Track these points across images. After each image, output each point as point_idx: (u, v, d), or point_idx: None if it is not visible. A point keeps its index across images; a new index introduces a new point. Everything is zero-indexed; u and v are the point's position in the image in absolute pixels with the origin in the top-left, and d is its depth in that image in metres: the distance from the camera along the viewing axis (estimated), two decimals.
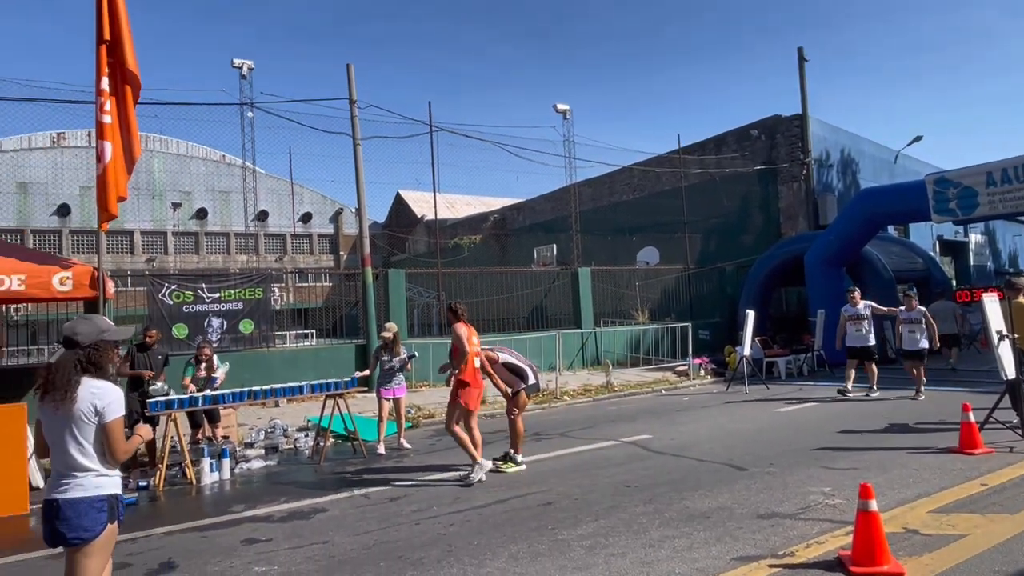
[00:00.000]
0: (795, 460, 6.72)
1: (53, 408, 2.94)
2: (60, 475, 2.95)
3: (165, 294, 12.91)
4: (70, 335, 3.06)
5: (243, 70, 31.83)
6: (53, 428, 2.97)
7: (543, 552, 4.48)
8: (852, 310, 11.06)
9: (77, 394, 2.94)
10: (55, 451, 2.98)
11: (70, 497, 2.90)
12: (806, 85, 20.27)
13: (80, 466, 2.94)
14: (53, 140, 40.55)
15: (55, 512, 2.89)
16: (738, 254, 20.92)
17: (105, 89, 6.56)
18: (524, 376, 7.23)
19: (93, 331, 3.08)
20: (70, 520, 2.88)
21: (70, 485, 2.92)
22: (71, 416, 2.94)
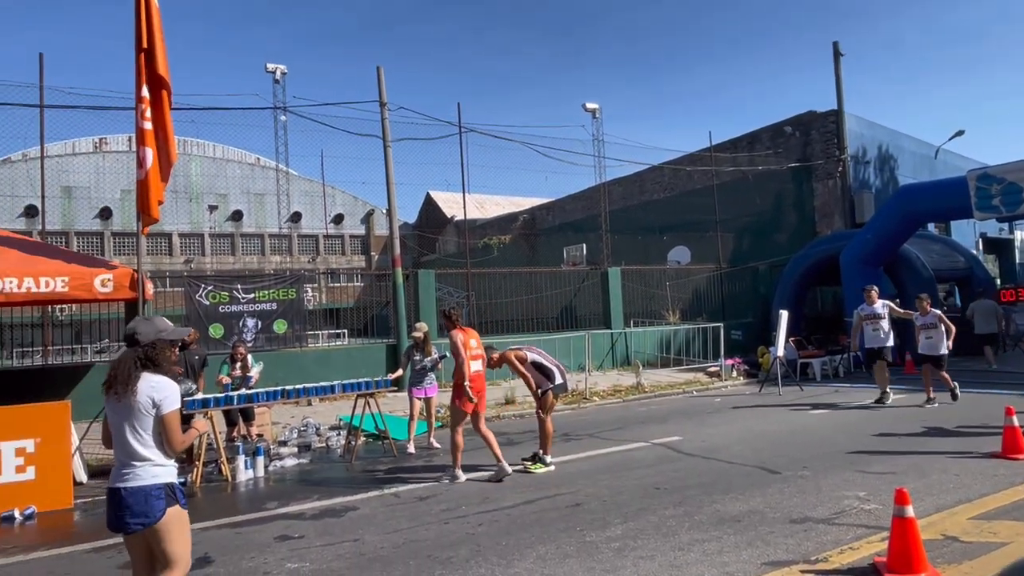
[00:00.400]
0: (829, 463, 6.59)
1: (116, 401, 3.15)
2: (122, 464, 3.14)
3: (202, 295, 13.21)
4: (132, 334, 3.27)
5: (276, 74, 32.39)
6: (115, 420, 3.17)
7: (571, 554, 4.48)
8: (868, 309, 10.51)
9: (137, 388, 3.13)
10: (117, 442, 3.18)
11: (131, 486, 3.09)
12: (842, 80, 19.86)
13: (140, 456, 3.12)
14: (95, 145, 41.80)
15: (119, 500, 3.08)
16: (771, 253, 20.58)
17: (145, 96, 6.74)
18: (551, 376, 7.23)
19: (152, 330, 3.29)
20: (132, 507, 3.07)
21: (131, 474, 3.11)
22: (131, 409, 3.13)
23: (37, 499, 6.31)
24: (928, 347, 10.10)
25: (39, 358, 16.35)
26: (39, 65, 13.26)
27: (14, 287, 6.66)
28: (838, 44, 19.80)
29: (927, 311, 10.10)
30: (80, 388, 11.28)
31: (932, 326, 10.04)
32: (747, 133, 23.18)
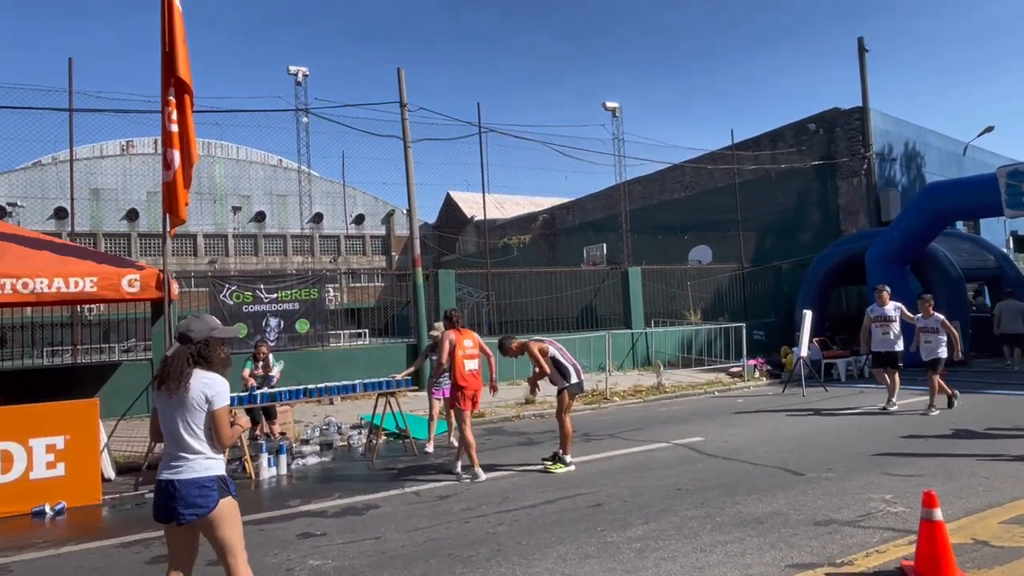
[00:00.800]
0: (854, 465, 6.49)
1: (168, 396, 3.23)
2: (172, 457, 3.23)
3: (226, 294, 13.38)
4: (184, 332, 3.36)
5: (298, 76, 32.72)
6: (167, 415, 3.26)
7: (592, 554, 4.46)
8: (879, 311, 10.01)
9: (190, 384, 3.23)
10: (168, 436, 3.26)
11: (184, 478, 3.18)
12: (867, 76, 19.55)
13: (192, 449, 3.22)
14: (122, 148, 42.58)
15: (171, 491, 3.16)
16: (795, 252, 20.33)
17: (172, 99, 6.84)
18: (567, 374, 7.22)
19: (204, 329, 3.37)
20: (185, 498, 3.16)
21: (183, 467, 3.21)
22: (184, 404, 3.23)
23: (67, 495, 6.44)
24: (926, 352, 9.61)
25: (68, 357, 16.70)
26: (68, 70, 13.55)
27: (45, 287, 6.81)
28: (863, 40, 19.50)
29: (929, 313, 9.66)
30: (108, 386, 11.51)
31: (933, 330, 9.58)
32: (769, 131, 22.91)
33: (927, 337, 9.61)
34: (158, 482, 3.23)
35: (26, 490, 6.32)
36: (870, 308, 10.25)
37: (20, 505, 6.27)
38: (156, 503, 3.23)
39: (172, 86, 6.71)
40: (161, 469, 3.25)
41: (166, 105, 6.85)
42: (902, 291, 15.47)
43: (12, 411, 6.59)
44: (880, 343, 9.97)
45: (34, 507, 6.27)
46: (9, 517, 6.18)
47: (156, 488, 3.24)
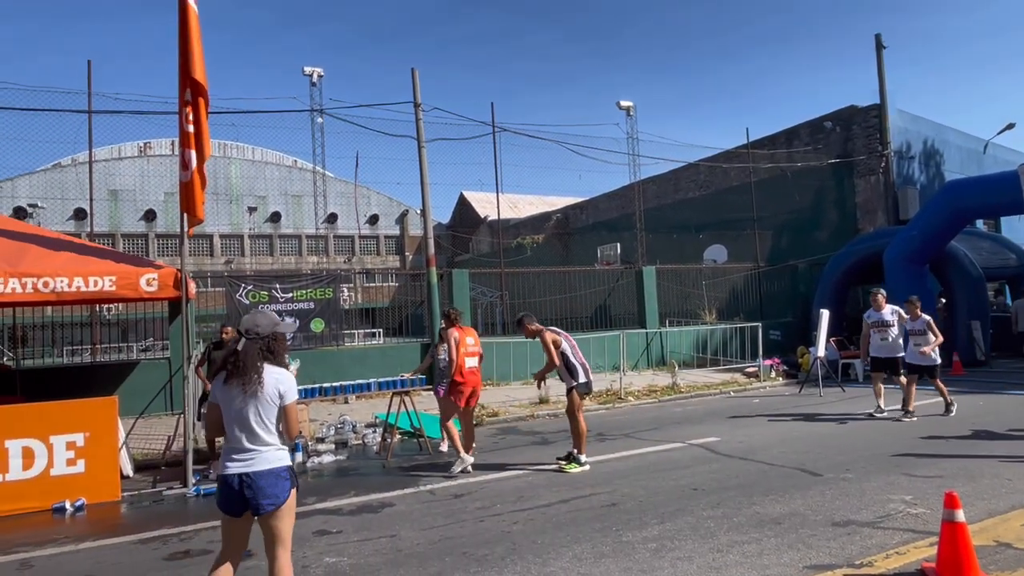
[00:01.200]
0: (873, 466, 6.41)
1: (240, 390, 3.27)
2: (241, 450, 3.28)
3: (242, 294, 13.49)
4: (251, 327, 3.41)
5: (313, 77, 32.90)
6: (235, 409, 3.29)
7: (607, 553, 4.44)
8: (876, 315, 9.66)
9: (264, 378, 3.30)
10: (237, 429, 3.29)
11: (259, 469, 3.25)
12: (884, 73, 19.32)
13: (264, 441, 3.30)
14: (140, 150, 43.06)
15: (247, 483, 3.22)
16: (811, 251, 20.14)
17: (189, 100, 6.89)
18: (575, 373, 7.23)
19: (269, 324, 3.45)
20: (263, 489, 3.23)
21: (256, 459, 3.27)
22: (258, 398, 3.29)
23: (86, 491, 6.51)
24: (917, 356, 9.21)
25: (88, 355, 16.91)
26: (87, 72, 13.73)
27: (65, 286, 6.89)
28: (880, 36, 19.26)
29: (917, 316, 9.24)
30: (126, 385, 11.64)
31: (921, 333, 9.20)
32: (785, 129, 22.72)
33: (916, 340, 9.27)
34: (226, 476, 3.25)
35: (47, 486, 6.40)
36: (867, 314, 9.90)
37: (41, 501, 6.35)
38: (226, 496, 3.26)
39: (188, 87, 6.76)
40: (226, 463, 3.28)
41: (183, 106, 6.90)
42: (921, 291, 15.24)
43: (33, 409, 6.69)
44: (879, 348, 9.66)
45: (55, 503, 6.35)
46: (30, 513, 6.27)
47: (223, 481, 3.27)
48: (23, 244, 7.32)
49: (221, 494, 3.30)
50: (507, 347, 15.22)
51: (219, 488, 3.31)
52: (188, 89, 6.78)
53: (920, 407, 9.92)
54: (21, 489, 6.34)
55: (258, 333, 3.39)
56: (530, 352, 15.44)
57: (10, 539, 5.51)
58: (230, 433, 3.32)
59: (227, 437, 3.35)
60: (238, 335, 3.43)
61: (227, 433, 3.34)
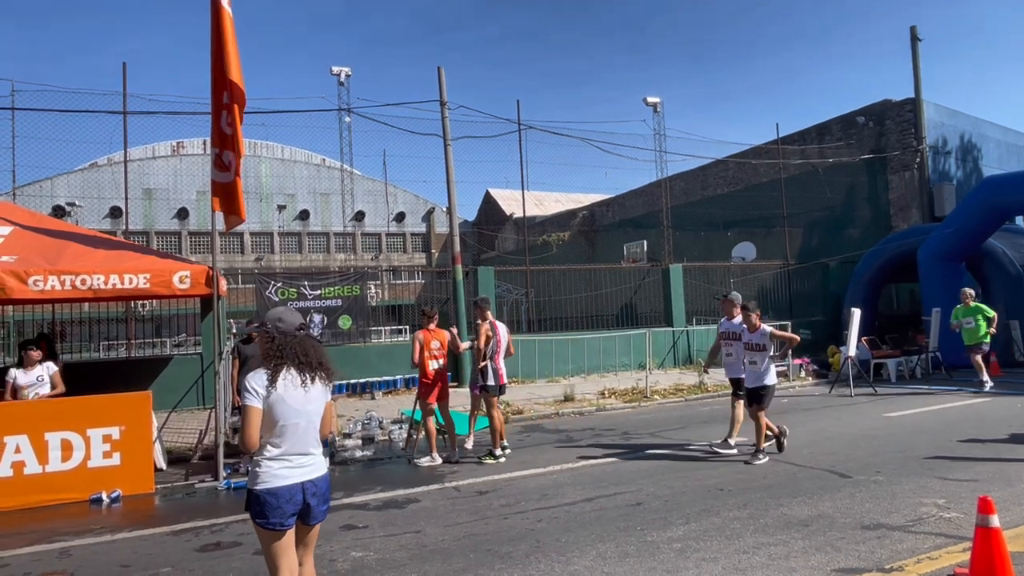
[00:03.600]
0: (905, 469, 6.29)
1: (305, 389, 3.03)
2: (301, 455, 3.02)
3: (272, 291, 13.70)
4: (304, 323, 3.23)
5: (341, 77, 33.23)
6: (295, 411, 2.99)
7: (631, 553, 4.43)
8: (726, 325, 7.86)
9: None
10: (300, 432, 3.01)
11: (320, 475, 3.08)
12: (919, 66, 18.86)
13: (317, 444, 3.11)
14: (173, 149, 43.92)
15: (310, 491, 3.00)
16: (843, 249, 19.78)
17: (227, 102, 6.99)
18: (485, 375, 7.69)
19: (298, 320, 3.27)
20: (324, 495, 3.09)
21: (314, 464, 3.06)
22: (318, 397, 3.10)
23: (122, 483, 6.69)
24: (752, 376, 7.27)
25: (123, 351, 17.34)
26: (123, 74, 14.07)
27: (101, 283, 7.07)
28: (915, 29, 18.82)
29: (756, 327, 7.30)
30: (160, 380, 11.92)
31: (759, 348, 7.25)
32: (816, 124, 22.33)
33: (752, 356, 7.29)
34: (286, 488, 2.93)
35: (84, 478, 6.60)
36: (720, 322, 8.13)
37: (79, 492, 6.55)
38: (285, 509, 2.92)
39: (226, 89, 6.85)
40: (281, 472, 2.95)
41: (221, 108, 6.99)
42: (956, 289, 14.91)
43: (71, 402, 6.89)
44: (726, 366, 7.97)
45: (92, 494, 6.54)
46: (69, 503, 6.47)
47: (280, 494, 2.91)
48: (62, 242, 7.53)
49: (278, 509, 2.90)
50: (532, 345, 15.22)
51: (270, 502, 2.90)
52: (226, 92, 6.87)
53: (954, 408, 9.70)
54: (60, 480, 6.54)
55: (305, 326, 3.19)
56: (555, 350, 15.43)
57: (51, 528, 5.70)
58: (285, 437, 2.98)
59: (275, 442, 2.98)
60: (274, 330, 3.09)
61: (278, 437, 2.97)
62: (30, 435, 6.49)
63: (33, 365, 7.36)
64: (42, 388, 7.34)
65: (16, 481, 6.41)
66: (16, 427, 6.47)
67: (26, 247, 7.19)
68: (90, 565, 4.76)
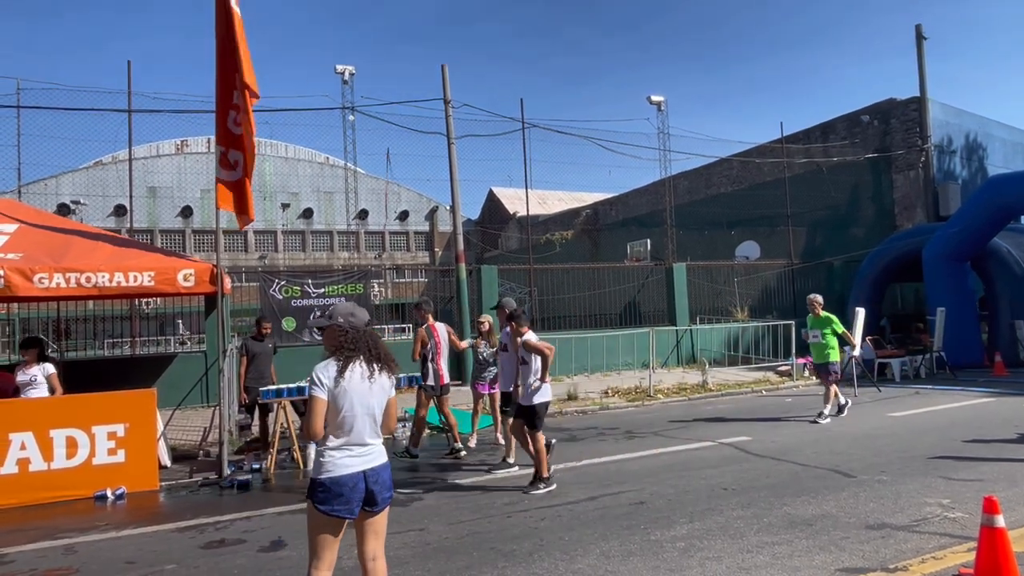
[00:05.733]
0: (909, 468, 6.27)
1: (369, 381, 3.15)
2: (359, 445, 3.11)
3: (276, 289, 13.73)
4: (364, 317, 3.34)
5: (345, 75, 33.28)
6: (359, 402, 3.10)
7: (635, 551, 4.43)
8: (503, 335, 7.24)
9: None
10: (361, 422, 3.11)
11: (380, 463, 3.18)
12: (925, 65, 18.80)
13: (378, 434, 3.22)
14: (177, 147, 44.01)
15: (372, 479, 3.11)
16: (847, 248, 19.73)
17: (236, 102, 7.00)
18: (426, 375, 7.94)
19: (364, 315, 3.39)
20: (386, 482, 3.19)
21: (374, 453, 3.17)
22: (382, 388, 3.21)
23: (127, 480, 6.71)
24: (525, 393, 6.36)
25: (127, 348, 17.39)
26: (128, 73, 14.07)
27: (106, 281, 7.09)
28: (921, 27, 18.74)
29: (523, 332, 6.42)
30: (164, 377, 11.95)
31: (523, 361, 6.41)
32: (821, 123, 22.28)
33: (522, 370, 6.45)
34: (347, 476, 3.03)
35: (89, 475, 6.62)
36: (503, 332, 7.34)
37: (84, 489, 6.57)
38: (345, 497, 3.01)
39: (236, 88, 6.86)
40: (342, 461, 3.05)
41: (230, 108, 7.00)
42: (961, 289, 14.88)
43: (76, 399, 6.91)
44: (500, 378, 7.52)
45: (96, 491, 6.56)
46: (74, 500, 6.49)
47: (344, 482, 3.02)
48: (67, 240, 7.55)
49: (342, 496, 3.01)
50: None
51: (334, 490, 3.01)
52: (236, 92, 6.88)
53: (959, 408, 9.68)
54: (65, 477, 6.56)
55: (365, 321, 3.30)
56: (559, 349, 15.42)
57: (55, 525, 5.72)
58: (347, 427, 3.08)
59: (338, 432, 3.08)
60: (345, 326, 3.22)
61: (339, 428, 3.08)
62: (35, 432, 6.51)
63: (28, 365, 7.31)
64: (37, 389, 7.14)
65: (21, 478, 6.43)
66: (21, 424, 6.49)
67: (31, 245, 7.21)
68: (95, 562, 4.77)
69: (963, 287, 14.83)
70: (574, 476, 6.67)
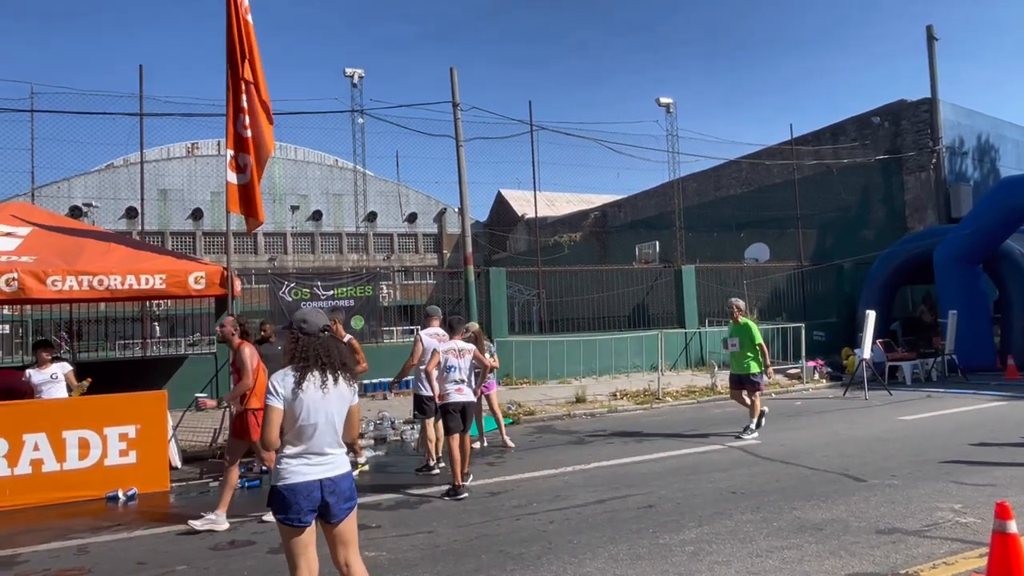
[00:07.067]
0: (921, 473, 6.23)
1: (324, 389, 3.09)
2: (317, 453, 3.08)
3: (285, 291, 13.79)
4: (329, 324, 3.31)
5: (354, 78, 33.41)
6: (317, 409, 3.07)
7: (643, 555, 4.42)
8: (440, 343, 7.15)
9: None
10: (320, 431, 3.08)
11: (340, 473, 3.12)
12: (936, 66, 18.67)
13: (338, 443, 3.17)
14: (188, 150, 44.32)
15: (329, 488, 3.06)
16: (857, 250, 19.60)
17: (244, 106, 7.06)
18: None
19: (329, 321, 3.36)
20: (344, 493, 3.12)
21: (334, 462, 3.12)
22: (341, 397, 3.16)
23: (138, 481, 6.77)
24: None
25: (138, 350, 17.52)
26: (139, 77, 14.20)
27: (118, 284, 7.17)
28: (932, 28, 18.62)
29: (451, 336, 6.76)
30: (175, 379, 12.02)
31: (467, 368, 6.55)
32: (831, 125, 22.16)
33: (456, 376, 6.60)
34: (302, 484, 3.01)
35: (101, 476, 6.68)
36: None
37: (96, 490, 6.63)
38: (302, 505, 2.99)
39: (245, 92, 6.93)
40: (299, 469, 3.03)
41: (239, 112, 7.07)
42: (974, 292, 14.74)
43: (88, 401, 6.98)
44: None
45: (108, 492, 6.62)
46: (86, 501, 6.55)
47: (298, 490, 3.00)
48: (79, 243, 7.64)
49: (294, 505, 2.99)
50: (544, 346, 15.23)
51: (289, 498, 2.99)
52: (245, 95, 6.95)
53: (971, 412, 9.60)
54: (77, 478, 6.62)
55: (328, 328, 3.27)
56: (567, 351, 15.42)
57: (68, 525, 5.77)
58: (304, 436, 3.06)
59: (294, 441, 3.07)
60: (299, 332, 3.19)
61: (296, 436, 3.07)
62: (48, 433, 6.58)
63: (46, 364, 7.42)
64: (56, 386, 7.34)
65: (35, 478, 6.50)
66: (35, 425, 6.56)
67: (45, 248, 7.30)
68: (107, 562, 4.82)
69: (975, 290, 14.69)
70: (582, 479, 6.67)
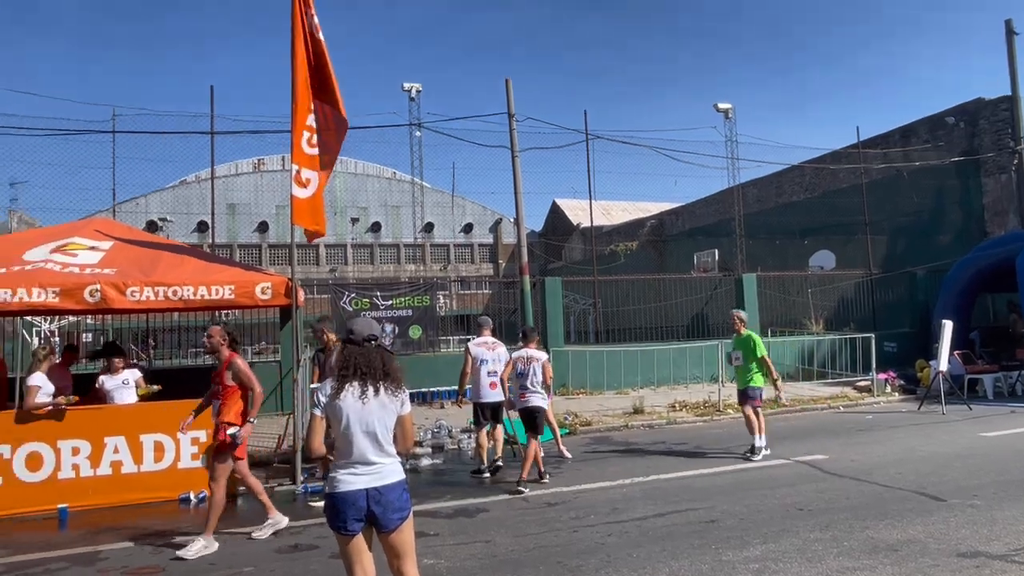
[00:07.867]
0: (1005, 493, 5.85)
1: (364, 399, 3.11)
2: (364, 463, 3.09)
3: (346, 301, 14.14)
4: (376, 333, 3.32)
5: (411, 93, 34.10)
6: (359, 419, 3.09)
7: (706, 572, 4.30)
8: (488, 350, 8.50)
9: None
10: (362, 440, 3.09)
11: (389, 482, 3.11)
12: (1016, 62, 17.67)
13: (389, 452, 3.17)
14: (254, 166, 46.14)
15: (375, 498, 3.06)
16: (932, 256, 18.67)
17: (311, 124, 7.38)
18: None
19: (378, 331, 3.39)
20: (394, 503, 3.10)
21: (383, 471, 3.11)
22: (384, 406, 3.16)
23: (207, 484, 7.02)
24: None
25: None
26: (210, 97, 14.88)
27: (191, 294, 7.48)
28: (1011, 22, 17.65)
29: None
30: None
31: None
32: (901, 126, 21.26)
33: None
34: (348, 493, 3.04)
35: (175, 478, 6.99)
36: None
37: (169, 491, 6.94)
38: (348, 514, 3.04)
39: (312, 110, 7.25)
40: (345, 478, 3.07)
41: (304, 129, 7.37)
42: None
43: (163, 406, 7.30)
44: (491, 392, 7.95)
45: (181, 494, 6.91)
46: (161, 502, 6.85)
47: (343, 499, 3.05)
48: (156, 255, 8.02)
49: (341, 513, 3.05)
50: (600, 356, 15.08)
51: (336, 507, 3.06)
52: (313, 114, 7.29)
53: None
54: (153, 479, 6.95)
55: (375, 336, 3.28)
56: (624, 361, 15.23)
57: (146, 525, 6.05)
58: (348, 445, 3.10)
59: (342, 451, 3.12)
60: (346, 341, 3.27)
61: (343, 446, 3.11)
62: (127, 437, 6.93)
63: (118, 370, 7.80)
64: (127, 391, 7.66)
65: (115, 479, 6.85)
66: (114, 429, 6.93)
67: (124, 260, 7.69)
68: (179, 562, 5.01)
69: None
70: (641, 491, 6.56)
